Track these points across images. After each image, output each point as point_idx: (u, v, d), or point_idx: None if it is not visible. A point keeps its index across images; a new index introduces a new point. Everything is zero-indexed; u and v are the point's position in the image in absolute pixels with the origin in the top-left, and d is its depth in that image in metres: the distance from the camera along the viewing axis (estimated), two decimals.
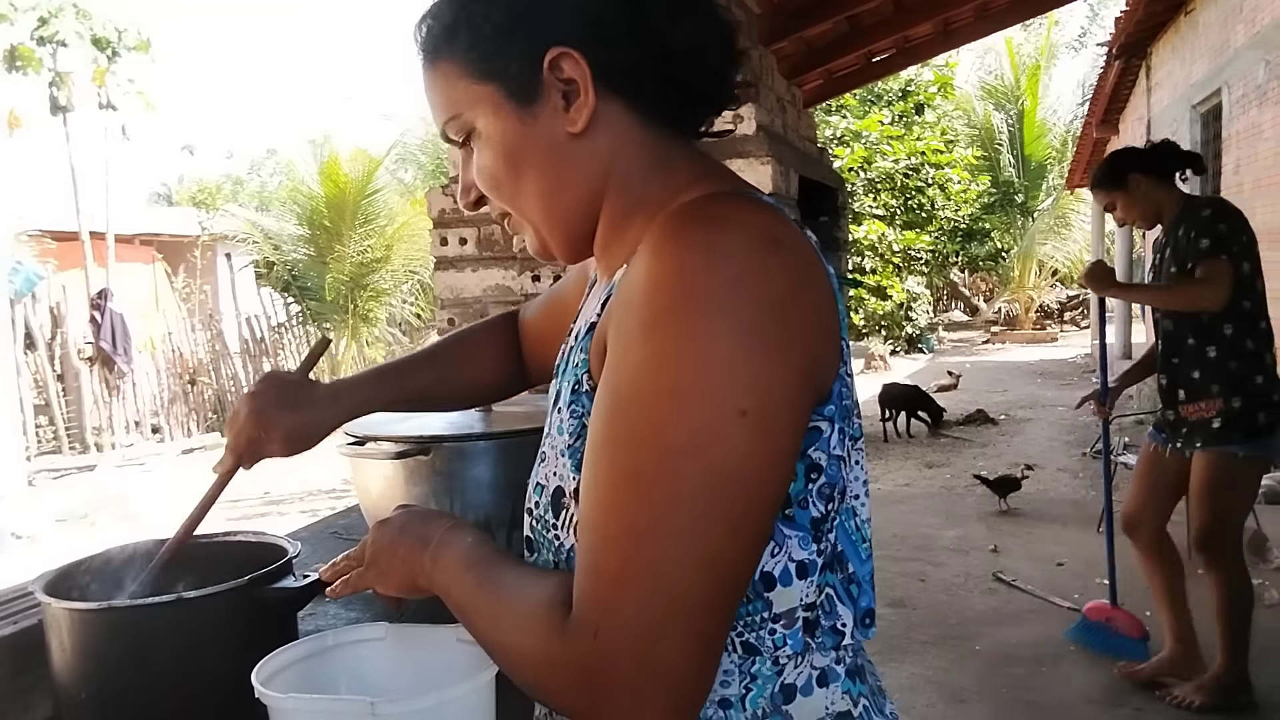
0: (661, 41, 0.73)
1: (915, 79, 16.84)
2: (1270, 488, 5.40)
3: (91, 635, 1.00)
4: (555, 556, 0.76)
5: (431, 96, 0.79)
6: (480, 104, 0.75)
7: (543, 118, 0.74)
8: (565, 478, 0.74)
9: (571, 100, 0.73)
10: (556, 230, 0.78)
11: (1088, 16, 20.82)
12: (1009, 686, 3.22)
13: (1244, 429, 2.77)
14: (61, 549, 5.57)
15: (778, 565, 0.69)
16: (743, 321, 0.62)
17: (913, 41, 5.13)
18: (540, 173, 0.75)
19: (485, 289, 2.71)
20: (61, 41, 10.76)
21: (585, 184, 0.76)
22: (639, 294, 0.65)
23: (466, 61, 0.75)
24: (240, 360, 12.57)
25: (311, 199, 11.90)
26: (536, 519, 0.79)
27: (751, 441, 0.61)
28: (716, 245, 0.64)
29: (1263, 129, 6.78)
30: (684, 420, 0.61)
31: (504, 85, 0.74)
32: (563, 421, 0.75)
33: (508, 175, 0.76)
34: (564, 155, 0.75)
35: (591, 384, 0.72)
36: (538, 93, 0.74)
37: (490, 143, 0.76)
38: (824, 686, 0.72)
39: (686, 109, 0.78)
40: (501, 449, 1.50)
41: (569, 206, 0.77)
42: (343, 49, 77.69)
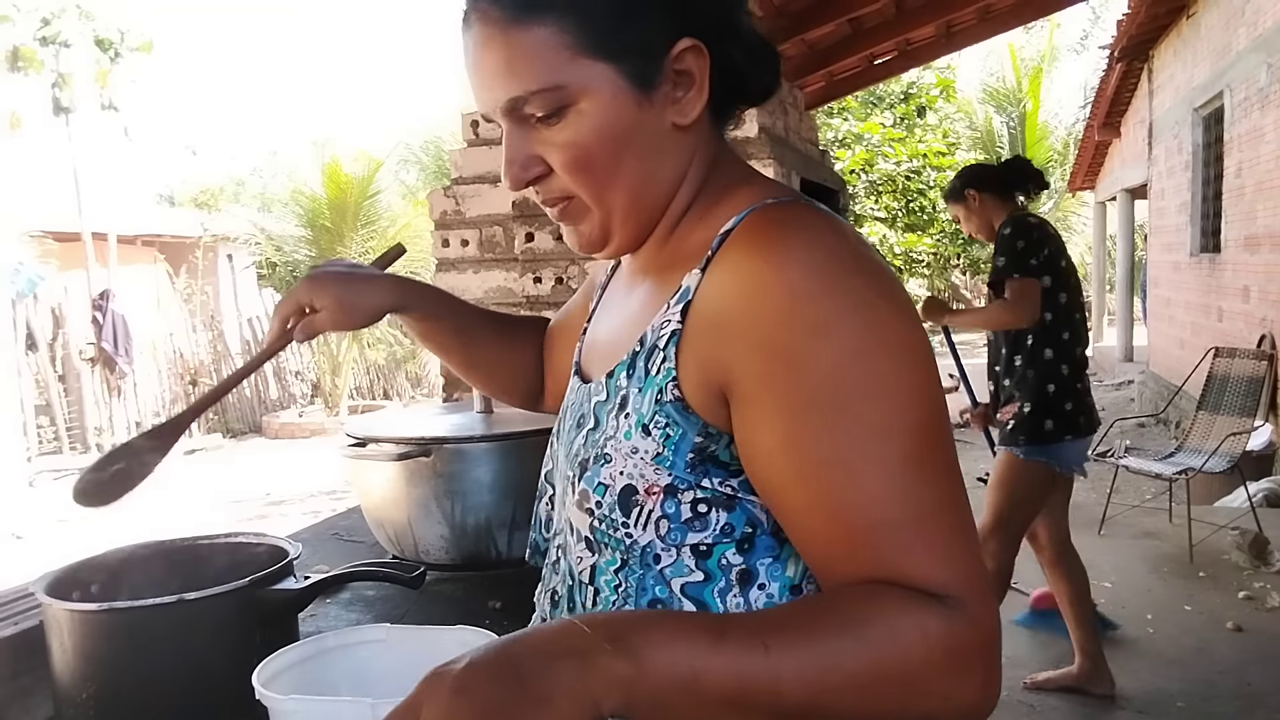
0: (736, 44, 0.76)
1: (917, 81, 16.84)
2: (1270, 490, 5.40)
3: (92, 635, 1.00)
4: (625, 555, 0.73)
5: (510, 60, 0.71)
6: (595, 80, 0.71)
7: (655, 105, 0.73)
8: (638, 476, 0.71)
9: (680, 91, 0.74)
10: (632, 220, 0.77)
11: (1090, 19, 20.79)
12: (1009, 687, 3.22)
13: (1028, 433, 2.93)
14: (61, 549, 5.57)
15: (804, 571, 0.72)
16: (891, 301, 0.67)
17: (914, 44, 5.13)
18: (640, 161, 0.74)
19: (486, 291, 2.71)
20: (64, 42, 10.77)
21: (673, 176, 0.77)
22: (780, 304, 0.65)
23: (584, 32, 0.70)
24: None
25: (313, 200, 11.91)
26: (600, 519, 0.74)
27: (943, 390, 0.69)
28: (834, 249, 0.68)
29: (1265, 132, 6.78)
30: (911, 396, 0.65)
31: (625, 65, 0.72)
32: (631, 427, 0.73)
33: (605, 159, 0.73)
34: (664, 146, 0.75)
35: (677, 395, 0.70)
36: (656, 79, 0.73)
37: (595, 122, 0.72)
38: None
39: (733, 106, 0.81)
40: (502, 451, 1.50)
41: (654, 198, 0.76)
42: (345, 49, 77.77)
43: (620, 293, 0.87)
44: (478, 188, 2.71)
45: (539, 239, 2.56)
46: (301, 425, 11.75)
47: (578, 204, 0.76)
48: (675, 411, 0.70)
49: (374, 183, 11.80)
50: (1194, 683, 3.20)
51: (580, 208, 0.76)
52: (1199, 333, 8.62)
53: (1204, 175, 8.71)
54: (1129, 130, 12.07)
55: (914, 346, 0.66)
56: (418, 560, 1.50)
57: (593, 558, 0.76)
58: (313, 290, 0.96)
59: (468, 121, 2.76)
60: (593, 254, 0.80)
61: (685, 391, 0.70)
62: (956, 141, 17.73)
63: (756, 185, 0.77)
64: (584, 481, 0.75)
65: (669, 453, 0.71)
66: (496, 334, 1.09)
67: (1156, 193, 10.57)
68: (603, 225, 0.77)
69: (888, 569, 0.62)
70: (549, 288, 2.56)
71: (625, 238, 0.78)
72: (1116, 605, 3.88)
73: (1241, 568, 4.23)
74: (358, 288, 0.97)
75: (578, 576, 0.77)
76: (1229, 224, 7.65)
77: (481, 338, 1.07)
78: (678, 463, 0.70)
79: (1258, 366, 5.66)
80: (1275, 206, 6.52)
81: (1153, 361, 10.55)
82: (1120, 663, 3.37)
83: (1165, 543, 4.70)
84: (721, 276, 0.70)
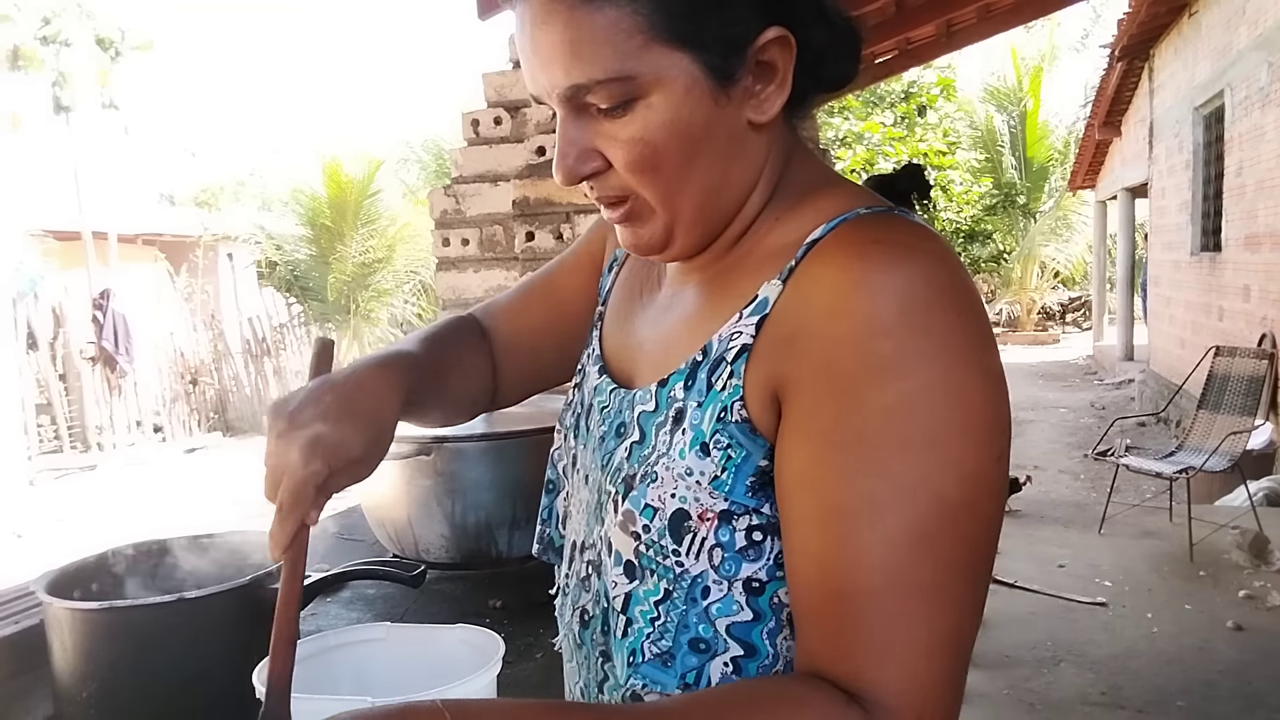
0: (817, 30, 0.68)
1: (917, 81, 16.86)
2: (1271, 489, 5.40)
3: (92, 634, 1.00)
4: (672, 585, 0.66)
5: (576, 43, 0.63)
6: (668, 72, 0.63)
7: (734, 101, 0.65)
8: (692, 501, 0.65)
9: (760, 85, 0.66)
10: (700, 224, 0.69)
11: (1090, 18, 20.79)
12: (1009, 687, 3.22)
13: None
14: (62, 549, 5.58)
15: None
16: (981, 365, 0.59)
17: (915, 43, 5.13)
18: (714, 160, 0.67)
19: (487, 290, 2.71)
20: (64, 41, 10.78)
21: (748, 177, 0.69)
22: (857, 333, 0.59)
23: (662, 17, 0.62)
24: (242, 360, 12.58)
25: (314, 199, 11.91)
26: (647, 544, 0.67)
27: (1003, 484, 0.59)
28: (930, 279, 0.60)
29: (1265, 131, 6.78)
30: (955, 470, 0.57)
31: (704, 57, 0.63)
32: (686, 445, 0.66)
33: (677, 158, 0.65)
34: (740, 145, 0.68)
35: (744, 415, 0.64)
36: (737, 73, 0.65)
37: (667, 118, 0.64)
38: None
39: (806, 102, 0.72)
40: (502, 450, 1.50)
41: (727, 201, 0.69)
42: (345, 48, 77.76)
43: (664, 291, 0.79)
44: (478, 186, 2.71)
45: (539, 238, 2.56)
46: None
47: (640, 205, 0.69)
48: (740, 432, 0.64)
49: (374, 182, 11.81)
50: (1194, 682, 3.20)
51: (642, 209, 0.69)
52: (1199, 332, 8.62)
53: (1205, 174, 8.71)
54: (1129, 129, 12.07)
55: (984, 417, 0.59)
56: (418, 559, 1.50)
57: (629, 584, 0.69)
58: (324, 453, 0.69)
59: (468, 120, 2.75)
60: (650, 257, 0.73)
61: (751, 411, 0.64)
62: (957, 140, 17.74)
63: (842, 190, 0.70)
64: (629, 501, 0.68)
65: (728, 476, 0.64)
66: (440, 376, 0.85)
67: (1157, 191, 10.57)
68: (667, 228, 0.69)
69: (844, 644, 0.57)
70: None
71: (690, 243, 0.71)
72: (1117, 604, 3.88)
73: (1242, 567, 4.23)
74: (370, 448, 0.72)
75: (611, 601, 0.70)
76: (1229, 223, 7.65)
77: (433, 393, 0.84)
78: (737, 487, 0.64)
79: (1258, 365, 5.66)
80: (1276, 205, 6.51)
81: (1153, 360, 10.55)
82: (1120, 662, 3.37)
83: (1166, 542, 4.70)
84: (806, 289, 0.63)
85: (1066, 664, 3.38)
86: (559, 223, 2.47)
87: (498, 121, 2.71)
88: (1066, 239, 17.58)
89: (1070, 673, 3.32)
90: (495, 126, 2.71)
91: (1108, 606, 3.83)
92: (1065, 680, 3.27)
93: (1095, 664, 3.36)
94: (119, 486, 9.03)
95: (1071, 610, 3.85)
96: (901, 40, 4.91)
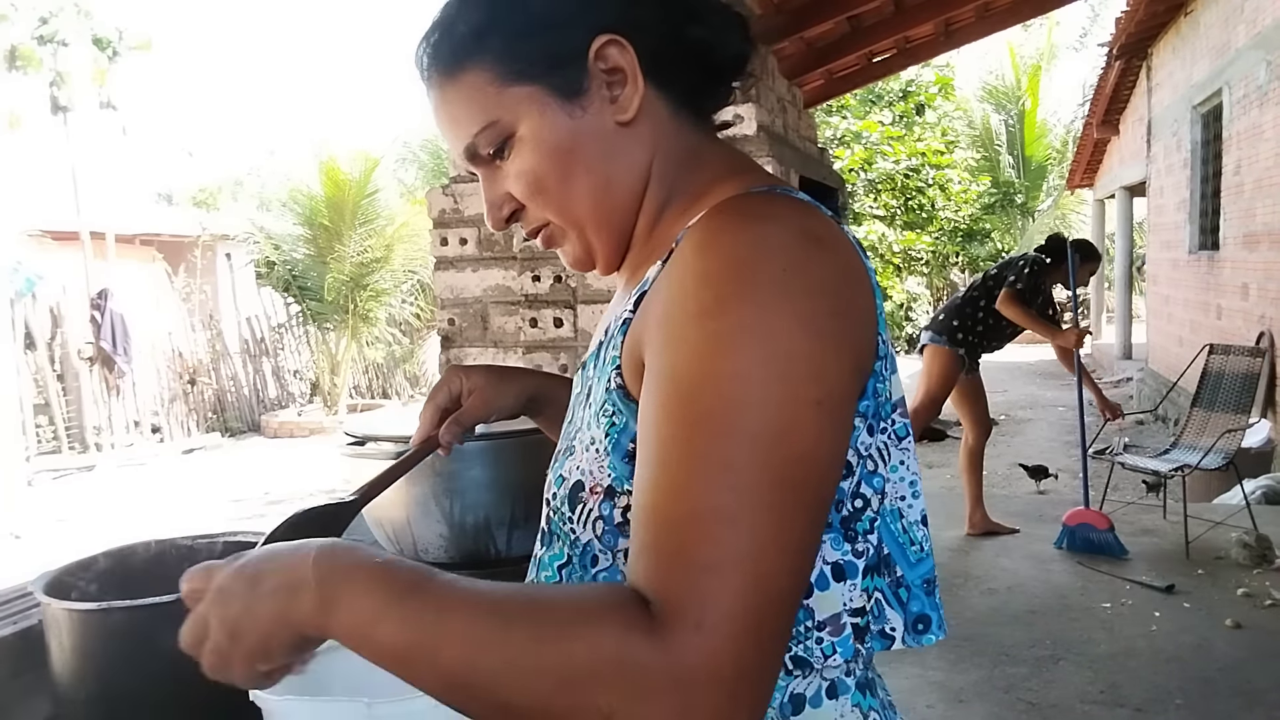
0: (688, 23, 0.74)
1: (916, 79, 16.84)
2: (1269, 487, 5.40)
3: (91, 635, 1.00)
4: (571, 550, 0.73)
5: (453, 111, 0.74)
6: (521, 106, 0.72)
7: (590, 110, 0.72)
8: (588, 472, 0.70)
9: (616, 89, 0.72)
10: (604, 229, 0.76)
11: (1089, 17, 20.80)
12: (1009, 687, 3.22)
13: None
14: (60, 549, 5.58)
15: (813, 572, 0.67)
16: (799, 312, 0.61)
17: (913, 42, 5.13)
18: (590, 168, 0.73)
19: (485, 289, 2.71)
20: (62, 41, 10.76)
21: (634, 176, 0.75)
22: (687, 286, 0.64)
23: (501, 63, 0.72)
24: (240, 360, 12.58)
25: (311, 199, 11.90)
26: (554, 510, 0.74)
27: (825, 431, 0.61)
28: (762, 240, 0.64)
29: (1263, 129, 6.78)
30: (762, 406, 0.59)
31: (548, 82, 0.72)
32: (591, 417, 0.72)
33: (556, 176, 0.73)
34: (613, 147, 0.73)
35: (620, 382, 0.69)
36: (583, 85, 0.72)
37: (535, 145, 0.72)
38: (833, 698, 0.69)
39: (707, 92, 0.79)
40: (501, 449, 1.50)
41: (619, 201, 0.75)
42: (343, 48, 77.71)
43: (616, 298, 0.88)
44: (476, 186, 2.71)
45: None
46: (300, 424, 11.75)
47: (553, 229, 0.77)
48: (620, 399, 0.69)
49: (372, 181, 11.79)
50: (1193, 680, 3.20)
51: (555, 231, 0.77)
52: (1198, 330, 8.63)
53: (1203, 173, 8.72)
54: (1128, 128, 12.07)
55: (800, 361, 0.60)
56: (417, 558, 1.50)
57: (543, 550, 0.77)
58: (462, 378, 1.00)
59: None
60: (586, 271, 0.80)
61: (626, 377, 0.69)
62: (955, 139, 17.73)
63: (745, 178, 0.74)
64: (551, 471, 0.75)
65: (610, 443, 0.69)
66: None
67: (1155, 190, 10.57)
68: (581, 240, 0.77)
69: (647, 561, 0.59)
70: (548, 286, 2.56)
71: (606, 247, 0.77)
72: (1116, 603, 3.89)
73: (1240, 565, 4.23)
74: (501, 380, 1.01)
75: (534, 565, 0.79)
76: (1227, 221, 7.66)
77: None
78: (615, 455, 0.69)
79: (1252, 363, 5.66)
80: (1274, 204, 6.52)
81: (1152, 359, 10.56)
82: (1119, 660, 3.37)
83: (1163, 540, 4.71)
84: (670, 262, 0.68)
85: (1066, 663, 3.38)
86: None
87: None
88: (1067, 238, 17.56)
89: (1069, 671, 3.32)
90: None
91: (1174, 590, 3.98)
92: (1064, 679, 3.27)
93: (1094, 662, 3.36)
94: (117, 487, 9.03)
95: (1071, 609, 3.85)
96: (900, 39, 4.91)
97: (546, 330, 2.46)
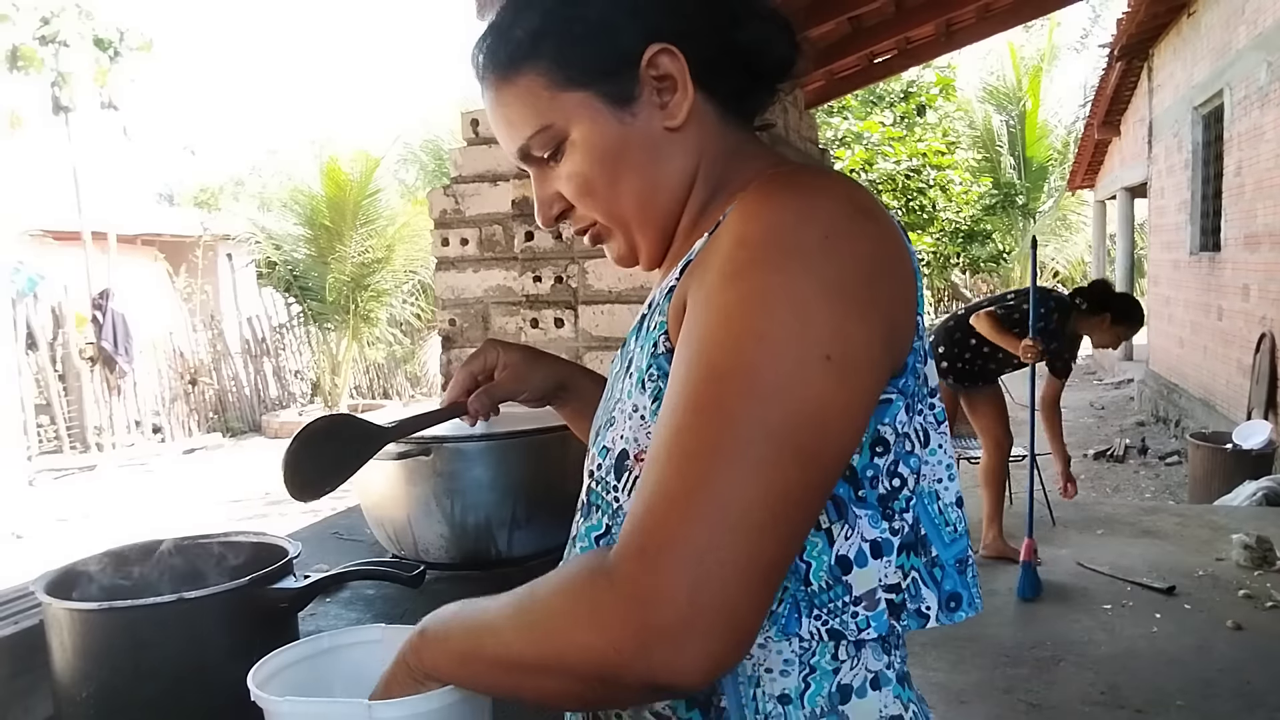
0: (736, 29, 0.77)
1: (917, 80, 16.82)
2: (1270, 489, 5.40)
3: (91, 635, 1.00)
4: (611, 520, 0.74)
5: (508, 114, 0.77)
6: (574, 111, 0.75)
7: (640, 116, 0.75)
8: (631, 440, 0.72)
9: (666, 96, 0.75)
10: (649, 228, 0.79)
11: (1090, 18, 20.82)
12: (1010, 688, 3.22)
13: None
14: (61, 549, 5.58)
15: (851, 547, 0.69)
16: (828, 276, 0.63)
17: (914, 43, 5.13)
18: (639, 172, 0.76)
19: (486, 289, 2.71)
20: (63, 41, 10.77)
21: (680, 178, 0.77)
22: (725, 250, 0.66)
23: (555, 69, 0.74)
24: (241, 360, 12.58)
25: (312, 199, 11.89)
26: (597, 480, 0.76)
27: (833, 387, 0.61)
28: (806, 208, 0.66)
29: (1264, 130, 6.78)
30: (770, 362, 0.60)
31: (600, 89, 0.74)
32: (633, 386, 0.74)
33: (605, 179, 0.76)
34: (661, 152, 0.76)
35: (668, 346, 0.71)
36: (634, 92, 0.74)
37: (585, 149, 0.75)
38: (877, 690, 0.72)
39: (752, 96, 0.82)
40: (502, 450, 1.50)
41: (665, 202, 0.78)
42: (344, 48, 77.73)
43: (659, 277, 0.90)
44: (477, 186, 2.71)
45: (539, 237, 2.56)
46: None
47: (600, 227, 0.80)
48: (666, 362, 0.70)
49: (373, 181, 11.79)
50: (1193, 681, 3.20)
51: (602, 230, 0.81)
52: (1199, 331, 8.62)
53: (1204, 174, 8.71)
54: (1129, 129, 12.07)
55: (818, 322, 0.61)
56: (417, 559, 1.50)
57: (581, 522, 0.78)
58: (499, 351, 1.02)
59: (467, 120, 2.75)
60: (629, 267, 0.83)
61: (673, 341, 0.70)
62: (956, 140, 17.72)
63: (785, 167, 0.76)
64: (592, 446, 0.77)
65: (656, 408, 0.70)
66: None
67: (1156, 191, 10.57)
68: (626, 238, 0.80)
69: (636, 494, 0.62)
70: (549, 286, 2.56)
71: (650, 246, 0.80)
72: (1117, 604, 3.89)
73: (1241, 566, 4.23)
74: (535, 361, 1.03)
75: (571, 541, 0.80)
76: (1229, 222, 7.65)
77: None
78: None
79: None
80: (1275, 205, 6.51)
81: (1153, 360, 10.55)
82: (1120, 662, 3.37)
83: (1165, 541, 4.71)
84: (712, 235, 0.71)
85: (1066, 664, 3.38)
86: None
87: None
88: (1066, 239, 17.58)
89: (1070, 672, 3.32)
90: None
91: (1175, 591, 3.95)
92: (1065, 680, 3.27)
93: (1095, 663, 3.36)
94: (118, 487, 9.03)
95: (1072, 610, 3.85)
96: (901, 40, 4.91)
97: (547, 330, 2.46)
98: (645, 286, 2.14)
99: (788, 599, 0.69)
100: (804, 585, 0.69)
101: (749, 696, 0.70)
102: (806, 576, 0.69)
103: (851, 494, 0.69)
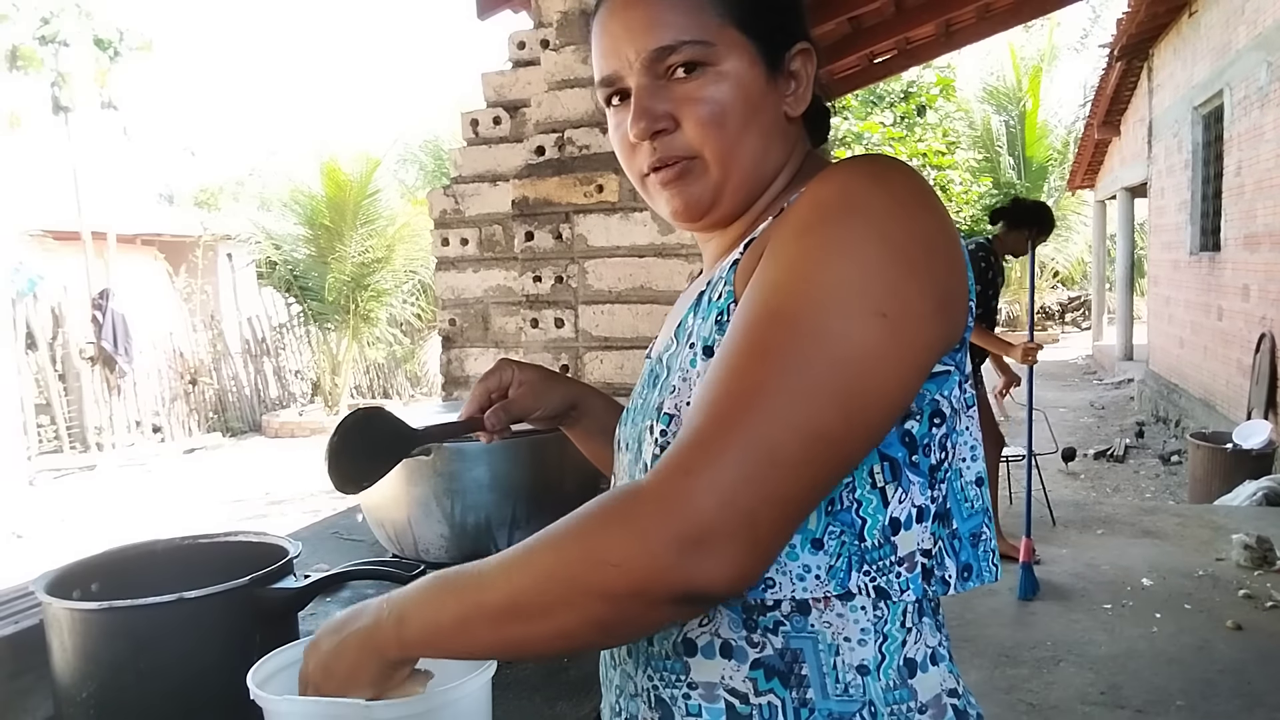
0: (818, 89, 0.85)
1: (917, 80, 16.84)
2: (1270, 489, 5.40)
3: (92, 635, 1.00)
4: None
5: (661, 14, 0.77)
6: (736, 48, 0.77)
7: (775, 89, 0.80)
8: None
9: (793, 88, 0.81)
10: (743, 189, 0.80)
11: (1089, 18, 20.80)
12: (1010, 688, 3.22)
13: None
14: (61, 549, 5.58)
15: (903, 510, 0.72)
16: (892, 237, 0.66)
17: (914, 43, 5.13)
18: (763, 132, 0.79)
19: (486, 289, 2.71)
20: (63, 41, 10.78)
21: (779, 160, 0.82)
22: (801, 211, 0.70)
23: (732, 6, 0.77)
24: (241, 360, 12.58)
25: (312, 199, 11.89)
26: (662, 445, 0.76)
27: (884, 342, 0.64)
28: (879, 175, 0.70)
29: (1264, 130, 6.78)
30: (824, 310, 0.64)
31: (761, 47, 0.78)
32: (696, 354, 0.76)
33: (739, 119, 0.78)
34: (778, 128, 0.81)
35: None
36: (780, 66, 0.80)
37: (735, 84, 0.77)
38: (936, 665, 0.75)
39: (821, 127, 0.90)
40: (502, 450, 1.50)
41: (764, 172, 0.81)
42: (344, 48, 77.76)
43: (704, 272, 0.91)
44: (477, 186, 2.71)
45: (539, 238, 2.56)
46: (301, 424, 11.75)
47: (697, 164, 0.79)
48: None
49: (373, 182, 11.79)
50: (1194, 681, 3.20)
51: (699, 168, 0.79)
52: (1199, 331, 8.63)
53: (1204, 174, 8.71)
54: (1129, 129, 12.07)
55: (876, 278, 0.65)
56: (417, 559, 1.50)
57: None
58: (514, 370, 1.03)
59: (467, 120, 2.75)
60: (691, 221, 0.83)
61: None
62: (956, 140, 17.73)
63: None
64: (660, 420, 0.77)
65: None
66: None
67: (1156, 191, 10.57)
68: (716, 187, 0.80)
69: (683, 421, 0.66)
70: (549, 286, 2.56)
71: (730, 206, 0.81)
72: (1116, 604, 3.89)
73: (1241, 566, 4.23)
74: (549, 380, 1.04)
75: None
76: (1228, 222, 7.65)
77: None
78: None
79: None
80: (1275, 205, 6.51)
81: (1153, 360, 10.56)
82: (1120, 661, 3.37)
83: (1165, 541, 4.71)
84: (787, 209, 0.74)
85: (1066, 664, 3.38)
86: (558, 223, 2.47)
87: (497, 121, 2.70)
88: (1065, 239, 17.58)
89: (1070, 672, 3.32)
90: (495, 126, 2.71)
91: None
92: (1065, 680, 3.27)
93: (1095, 663, 3.36)
94: (118, 487, 9.03)
95: (1071, 610, 3.85)
96: (901, 40, 4.92)
97: (548, 331, 2.45)
98: (646, 287, 2.14)
99: (844, 553, 0.71)
100: (858, 540, 0.71)
101: (829, 665, 0.71)
102: (861, 533, 0.71)
103: (908, 459, 0.71)
